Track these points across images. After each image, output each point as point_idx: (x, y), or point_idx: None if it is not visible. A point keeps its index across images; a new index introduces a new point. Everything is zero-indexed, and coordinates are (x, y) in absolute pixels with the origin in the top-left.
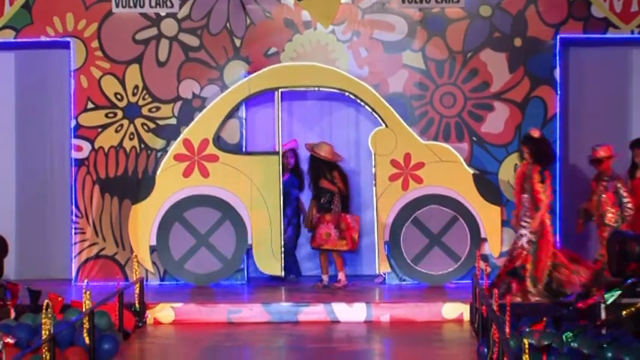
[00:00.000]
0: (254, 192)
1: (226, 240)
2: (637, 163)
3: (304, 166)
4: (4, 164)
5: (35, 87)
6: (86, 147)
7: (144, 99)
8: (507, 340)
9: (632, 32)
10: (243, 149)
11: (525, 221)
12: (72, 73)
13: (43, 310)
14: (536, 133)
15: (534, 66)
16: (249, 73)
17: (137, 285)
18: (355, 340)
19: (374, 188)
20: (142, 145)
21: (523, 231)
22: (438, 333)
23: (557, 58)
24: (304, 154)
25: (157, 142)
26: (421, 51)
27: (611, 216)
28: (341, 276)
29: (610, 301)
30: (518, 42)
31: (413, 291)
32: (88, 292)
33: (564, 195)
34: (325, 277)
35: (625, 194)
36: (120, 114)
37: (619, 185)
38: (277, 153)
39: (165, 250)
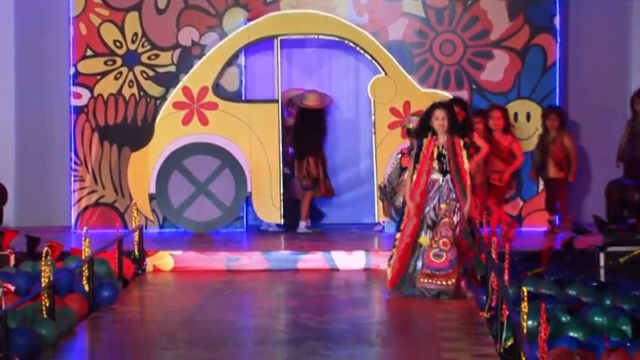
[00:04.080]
0: (253, 140)
1: (225, 188)
2: (547, 128)
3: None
4: (3, 112)
5: (34, 34)
6: (85, 94)
7: (143, 46)
8: (506, 288)
9: None
10: (243, 97)
11: None
12: (71, 21)
13: (43, 258)
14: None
15: (534, 14)
16: (249, 20)
17: (136, 233)
18: (354, 288)
19: (373, 136)
20: (141, 93)
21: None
22: None
23: (557, 5)
24: None
25: (156, 90)
26: None
27: None
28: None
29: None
30: None
31: None
32: (87, 240)
33: None
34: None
35: None
36: (119, 61)
37: None
38: (277, 101)
39: (165, 197)
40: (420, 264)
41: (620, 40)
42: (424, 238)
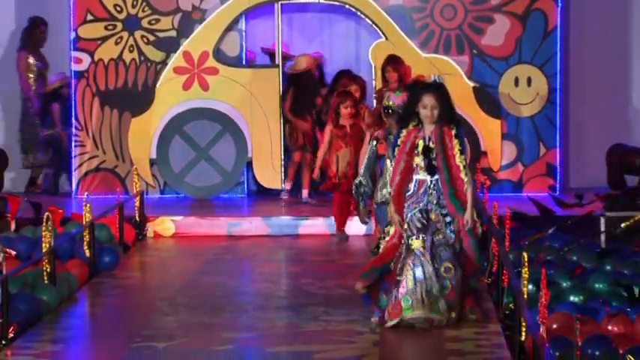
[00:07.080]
0: (254, 105)
1: (226, 153)
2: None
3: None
4: (5, 77)
5: None
6: (86, 59)
7: (143, 11)
8: (507, 254)
9: None
10: (243, 62)
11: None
12: None
13: (44, 223)
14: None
15: None
16: None
17: (137, 198)
18: (355, 254)
19: (374, 101)
20: (142, 58)
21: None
22: None
23: None
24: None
25: (157, 55)
26: None
27: None
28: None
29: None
30: None
31: None
32: (88, 205)
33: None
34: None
35: None
36: (119, 26)
37: None
38: (277, 66)
39: (166, 163)
40: (419, 273)
41: (621, 4)
42: (417, 242)
